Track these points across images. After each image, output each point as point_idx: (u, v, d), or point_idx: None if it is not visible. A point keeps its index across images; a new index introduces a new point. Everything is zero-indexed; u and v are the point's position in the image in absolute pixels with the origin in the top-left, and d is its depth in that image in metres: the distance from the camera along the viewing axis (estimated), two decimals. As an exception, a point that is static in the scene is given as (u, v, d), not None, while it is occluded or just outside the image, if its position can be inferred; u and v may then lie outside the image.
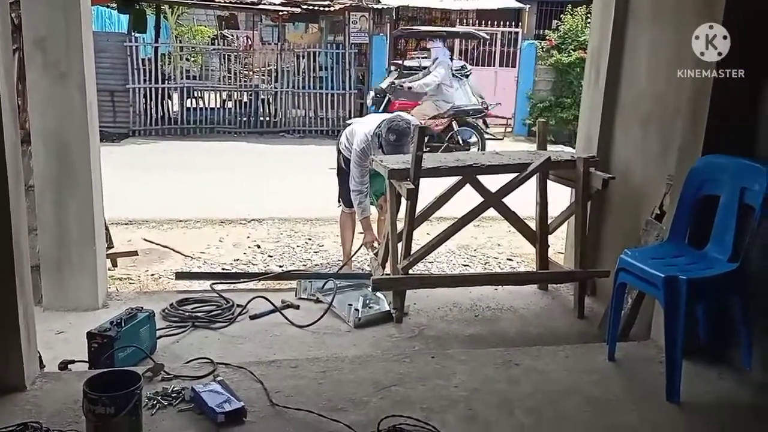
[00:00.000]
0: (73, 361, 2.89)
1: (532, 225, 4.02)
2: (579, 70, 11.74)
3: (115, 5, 12.30)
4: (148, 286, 4.36)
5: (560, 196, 4.15)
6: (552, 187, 3.93)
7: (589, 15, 9.38)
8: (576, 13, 12.66)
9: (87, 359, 2.85)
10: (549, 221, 3.99)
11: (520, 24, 14.00)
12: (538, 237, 3.96)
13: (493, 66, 13.73)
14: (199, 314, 3.50)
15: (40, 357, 2.69)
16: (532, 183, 3.88)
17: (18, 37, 3.37)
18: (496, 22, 13.41)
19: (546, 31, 14.03)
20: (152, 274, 4.62)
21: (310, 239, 5.71)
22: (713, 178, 2.74)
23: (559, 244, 4.83)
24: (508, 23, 13.62)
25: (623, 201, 3.72)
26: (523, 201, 4.19)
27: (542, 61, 12.81)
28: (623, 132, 3.76)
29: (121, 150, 10.26)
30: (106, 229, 4.45)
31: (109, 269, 4.33)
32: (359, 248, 4.55)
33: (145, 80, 11.59)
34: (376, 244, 4.31)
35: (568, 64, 12.34)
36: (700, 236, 2.78)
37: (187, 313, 3.50)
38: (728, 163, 2.69)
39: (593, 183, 3.68)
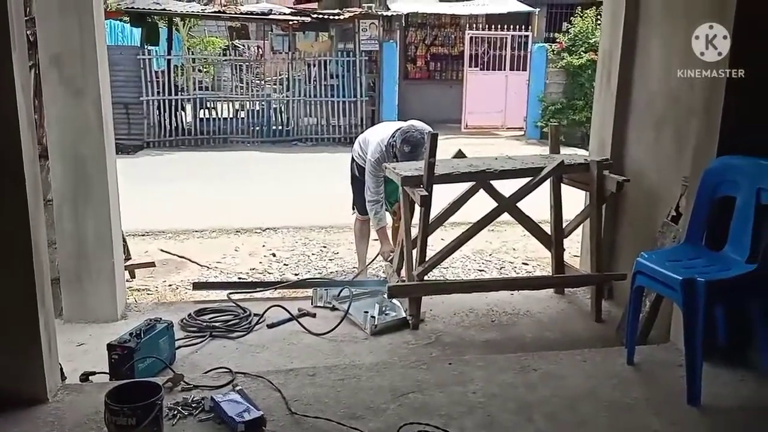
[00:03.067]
0: (94, 373, 2.91)
1: (547, 229, 4.01)
2: (590, 72, 11.70)
3: (127, 19, 12.44)
4: (165, 296, 4.40)
5: (575, 199, 4.14)
6: (566, 190, 3.92)
7: (599, 17, 9.35)
8: (586, 15, 12.62)
9: (107, 370, 2.88)
10: (564, 225, 3.98)
11: (530, 27, 13.99)
12: (553, 241, 3.94)
13: (504, 70, 13.73)
14: (216, 324, 3.52)
15: (61, 369, 2.72)
16: (546, 186, 3.87)
17: (34, 54, 3.42)
18: (506, 26, 13.41)
19: (556, 33, 14.00)
20: (170, 285, 4.66)
21: (324, 247, 5.74)
22: (729, 179, 2.71)
23: (575, 247, 4.82)
24: (518, 27, 13.60)
25: (638, 203, 3.70)
26: (537, 205, 4.19)
27: (553, 63, 12.79)
28: (637, 134, 3.74)
29: (137, 162, 10.36)
30: (124, 240, 4.49)
31: (127, 281, 4.37)
32: (375, 257, 4.56)
33: (158, 92, 11.70)
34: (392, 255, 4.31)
35: (579, 67, 12.30)
36: (717, 238, 2.75)
37: (205, 323, 3.52)
38: (744, 164, 2.67)
39: (608, 186, 3.66)
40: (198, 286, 4.25)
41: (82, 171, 3.48)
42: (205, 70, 13.35)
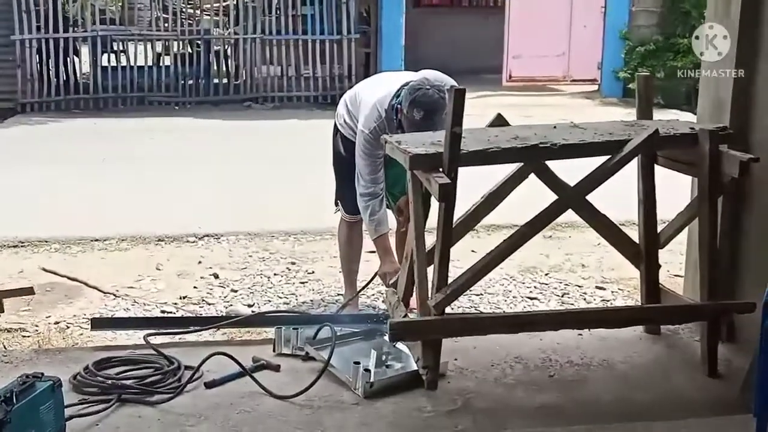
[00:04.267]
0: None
1: (634, 235, 4.01)
2: (699, -6, 11.73)
3: None
4: (50, 339, 4.39)
5: (676, 189, 4.13)
6: (662, 174, 3.91)
7: None
8: None
9: (-40, 455, 2.87)
10: (659, 228, 3.97)
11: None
12: (644, 253, 3.94)
13: (568, -9, 13.75)
14: (128, 382, 3.51)
15: None
16: (631, 170, 3.86)
17: None
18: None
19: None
20: (56, 323, 4.65)
21: (293, 263, 5.74)
22: None
23: (676, 262, 4.79)
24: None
25: (774, 194, 3.70)
26: (617, 198, 4.18)
27: (643, -20, 12.85)
28: (771, 89, 3.74)
29: (6, 135, 10.38)
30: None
31: (-9, 316, 4.38)
32: (371, 279, 4.55)
33: (39, 28, 11.73)
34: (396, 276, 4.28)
35: (683, -14, 12.36)
36: None
37: (110, 381, 3.51)
38: None
39: (726, 168, 3.65)
40: (99, 323, 4.23)
41: None
42: (110, -6, 13.42)
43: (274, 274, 5.52)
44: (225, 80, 12.84)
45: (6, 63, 11.63)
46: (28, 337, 4.44)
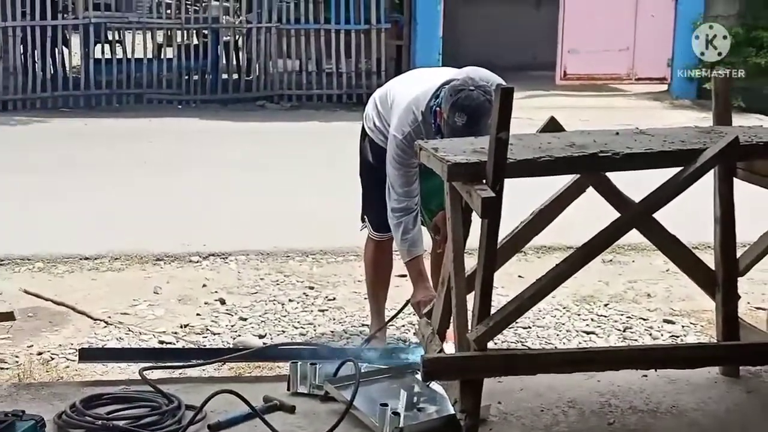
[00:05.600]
0: None
1: (708, 260, 3.99)
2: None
3: None
4: (32, 373, 4.39)
5: (758, 207, 4.11)
6: (743, 189, 3.89)
7: None
8: None
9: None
10: (738, 253, 3.95)
11: None
12: (720, 281, 3.91)
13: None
14: (120, 423, 3.53)
15: None
16: (706, 184, 3.85)
17: None
18: None
19: None
20: (39, 353, 4.66)
21: (311, 288, 5.75)
22: None
23: (758, 293, 4.76)
24: None
25: None
26: (688, 216, 4.16)
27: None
28: None
29: (-15, 136, 10.48)
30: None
31: (-35, 345, 4.42)
32: (403, 307, 4.56)
33: (24, 14, 11.85)
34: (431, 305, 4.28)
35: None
36: None
37: (100, 421, 3.52)
38: None
39: (819, 183, 3.63)
40: (88, 355, 4.24)
41: None
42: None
43: (289, 300, 5.52)
44: (235, 76, 12.90)
45: (-13, 54, 11.77)
46: (7, 369, 4.44)
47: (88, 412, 3.58)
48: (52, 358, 4.61)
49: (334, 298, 5.55)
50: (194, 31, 12.96)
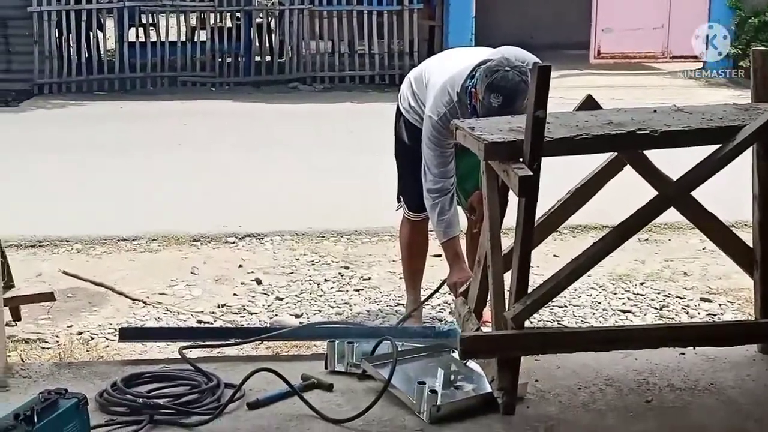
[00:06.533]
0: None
1: (746, 238, 3.97)
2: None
3: None
4: (73, 352, 4.43)
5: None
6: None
7: None
8: None
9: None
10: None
11: None
12: (759, 259, 3.89)
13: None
14: (161, 401, 3.56)
15: None
16: (744, 162, 3.82)
17: None
18: None
19: None
20: (79, 333, 4.72)
21: (347, 267, 5.77)
22: None
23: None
24: None
25: None
26: (723, 195, 4.13)
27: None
28: None
29: (20, 119, 10.56)
30: (1, 255, 4.59)
31: (6, 325, 4.43)
32: (439, 287, 4.56)
33: (58, -1, 11.89)
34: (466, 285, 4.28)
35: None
36: None
37: (141, 400, 3.54)
38: None
39: None
40: (128, 334, 4.27)
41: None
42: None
43: (325, 280, 5.54)
44: (268, 58, 12.91)
45: (21, 38, 11.76)
46: (48, 348, 4.50)
47: (128, 391, 3.61)
48: (92, 338, 4.68)
49: (370, 278, 5.58)
50: (227, 14, 12.97)
